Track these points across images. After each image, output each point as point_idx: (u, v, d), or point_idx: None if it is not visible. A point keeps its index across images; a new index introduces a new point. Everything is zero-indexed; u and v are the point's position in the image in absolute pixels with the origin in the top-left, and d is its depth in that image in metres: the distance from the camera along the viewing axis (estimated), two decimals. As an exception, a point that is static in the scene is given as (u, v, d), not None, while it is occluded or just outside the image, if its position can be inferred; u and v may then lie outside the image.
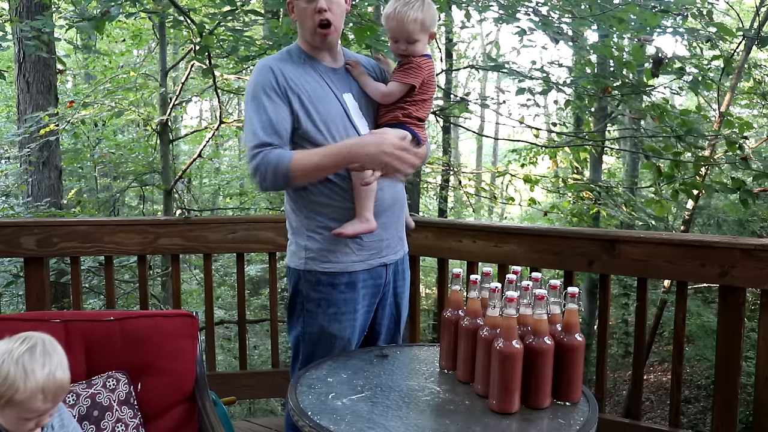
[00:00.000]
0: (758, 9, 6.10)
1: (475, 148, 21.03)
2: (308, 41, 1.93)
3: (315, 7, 1.84)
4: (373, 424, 1.43)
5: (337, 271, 1.92)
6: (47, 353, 1.43)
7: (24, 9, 5.44)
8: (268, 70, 1.87)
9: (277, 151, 1.81)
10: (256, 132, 1.82)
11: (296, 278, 1.96)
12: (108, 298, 2.95)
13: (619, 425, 2.57)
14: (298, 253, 1.96)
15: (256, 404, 7.60)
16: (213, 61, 4.40)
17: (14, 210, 5.70)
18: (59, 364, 1.43)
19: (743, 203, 3.91)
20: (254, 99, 1.86)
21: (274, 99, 1.85)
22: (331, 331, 1.94)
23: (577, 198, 6.51)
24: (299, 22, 1.92)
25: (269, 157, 1.79)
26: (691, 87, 4.20)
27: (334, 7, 1.86)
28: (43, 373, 1.39)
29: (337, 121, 1.89)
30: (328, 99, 1.90)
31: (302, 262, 1.94)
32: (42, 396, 1.39)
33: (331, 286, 1.93)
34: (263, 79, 1.87)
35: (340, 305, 1.94)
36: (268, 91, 1.85)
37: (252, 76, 1.91)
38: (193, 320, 2.02)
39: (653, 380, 8.84)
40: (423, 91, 1.93)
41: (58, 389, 1.42)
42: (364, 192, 1.87)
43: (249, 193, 9.64)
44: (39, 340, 1.45)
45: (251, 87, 1.89)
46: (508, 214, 16.29)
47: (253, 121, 1.84)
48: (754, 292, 4.71)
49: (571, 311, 1.54)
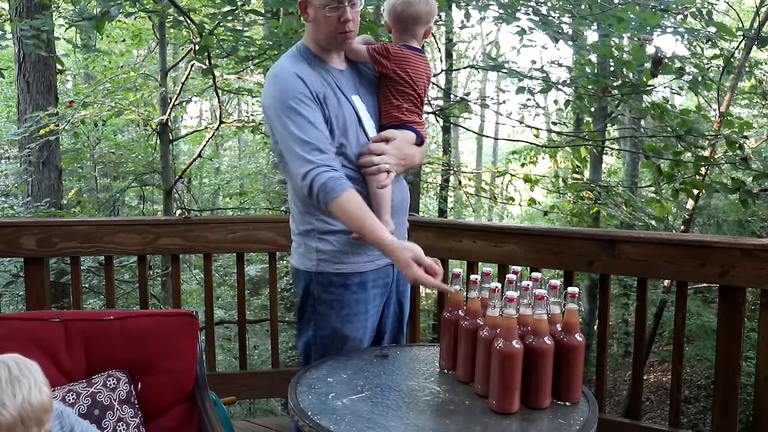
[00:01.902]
0: (758, 9, 6.10)
1: (475, 148, 21.02)
2: (322, 44, 1.90)
3: (340, 17, 1.82)
4: (373, 424, 1.43)
5: (349, 271, 1.92)
6: (15, 380, 1.30)
7: (24, 8, 5.44)
8: (293, 75, 1.82)
9: (326, 179, 1.76)
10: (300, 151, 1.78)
11: (307, 280, 1.94)
12: (108, 298, 2.94)
13: (619, 425, 2.57)
14: (308, 255, 1.94)
15: (256, 404, 7.61)
16: (213, 61, 4.40)
17: (14, 210, 5.69)
18: (32, 386, 1.32)
19: (743, 203, 3.90)
20: (288, 108, 1.80)
21: (308, 104, 1.81)
22: (344, 333, 1.93)
23: (577, 198, 6.51)
24: (315, 24, 1.87)
25: (316, 181, 1.77)
26: (690, 87, 4.20)
27: (356, 17, 1.86)
28: (16, 403, 1.28)
29: (350, 125, 1.89)
30: (341, 102, 1.89)
31: (314, 264, 1.92)
32: (23, 426, 1.29)
33: (343, 287, 1.92)
34: (291, 86, 1.81)
35: (353, 306, 1.93)
36: (300, 98, 1.80)
37: (275, 85, 1.84)
38: (193, 320, 2.02)
39: (653, 380, 8.84)
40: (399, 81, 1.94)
41: (38, 413, 1.31)
42: (381, 195, 1.88)
43: (249, 193, 9.65)
44: (3, 366, 1.33)
45: (281, 95, 1.82)
46: (508, 214, 16.29)
47: (295, 134, 1.79)
48: (754, 292, 4.71)
49: (571, 311, 1.54)
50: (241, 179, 10.84)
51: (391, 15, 1.97)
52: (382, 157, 1.89)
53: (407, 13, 1.93)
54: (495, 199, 8.34)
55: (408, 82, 1.95)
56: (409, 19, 1.94)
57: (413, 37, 1.98)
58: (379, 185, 1.85)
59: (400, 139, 1.94)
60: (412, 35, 1.97)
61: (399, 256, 1.72)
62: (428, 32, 2.01)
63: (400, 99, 1.96)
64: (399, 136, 1.94)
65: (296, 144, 1.79)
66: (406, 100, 1.96)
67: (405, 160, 1.96)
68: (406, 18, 1.94)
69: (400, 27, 1.96)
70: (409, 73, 1.95)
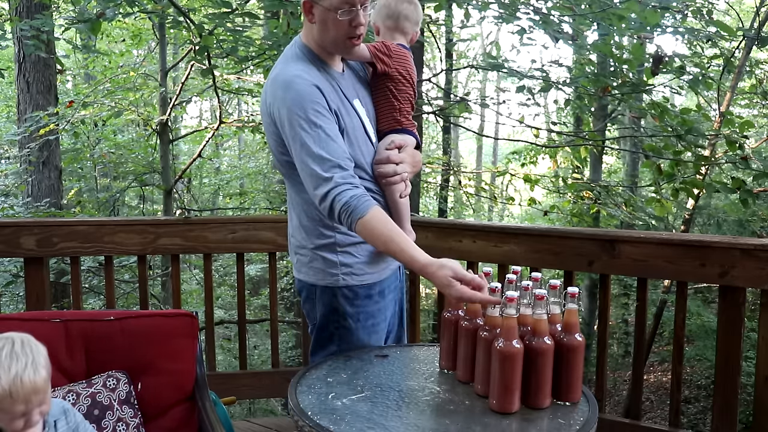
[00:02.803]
0: (758, 9, 6.10)
1: (475, 148, 21.02)
2: (326, 47, 1.80)
3: (352, 20, 1.72)
4: (373, 424, 1.43)
5: (372, 281, 1.88)
6: (15, 356, 1.38)
7: (24, 9, 5.44)
8: (308, 84, 1.71)
9: (349, 198, 1.66)
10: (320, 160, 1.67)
11: (330, 296, 1.86)
12: (108, 298, 2.95)
13: (619, 425, 2.57)
14: (329, 270, 1.84)
15: (256, 404, 7.61)
16: (213, 61, 4.40)
17: (14, 210, 5.69)
18: (28, 365, 1.39)
19: (743, 203, 3.91)
20: (306, 121, 1.68)
21: (328, 117, 1.71)
22: (369, 343, 1.89)
23: (577, 198, 6.51)
24: (322, 27, 1.75)
25: (338, 201, 1.66)
26: (691, 86, 4.20)
27: (366, 19, 1.78)
28: (9, 377, 1.35)
29: (358, 133, 1.83)
30: (346, 108, 1.81)
31: (337, 279, 1.84)
32: (11, 399, 1.36)
33: (368, 298, 1.88)
34: (309, 97, 1.70)
35: (377, 315, 1.91)
36: (318, 110, 1.70)
37: (291, 91, 1.71)
38: (193, 320, 2.02)
39: (653, 380, 8.84)
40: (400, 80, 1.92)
41: (27, 392, 1.37)
42: (402, 205, 1.86)
43: (249, 193, 9.66)
44: (9, 341, 1.41)
45: (296, 106, 1.69)
46: (509, 214, 16.29)
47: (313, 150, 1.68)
48: (754, 292, 4.71)
49: (571, 311, 1.53)
50: (241, 179, 10.85)
51: (382, 12, 1.95)
52: (402, 166, 1.84)
53: (400, 8, 1.93)
54: (495, 199, 8.34)
55: (409, 81, 1.93)
56: (402, 15, 1.93)
57: (403, 35, 1.96)
58: (402, 195, 1.82)
59: (410, 145, 1.91)
60: (402, 32, 1.95)
61: (438, 277, 1.61)
62: (414, 38, 2.00)
63: (401, 100, 1.92)
64: (409, 142, 1.91)
65: (314, 161, 1.68)
66: (405, 102, 1.94)
67: (416, 167, 1.93)
68: (399, 13, 1.93)
69: (392, 23, 1.94)
70: (409, 71, 1.93)
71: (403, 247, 1.66)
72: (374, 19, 1.97)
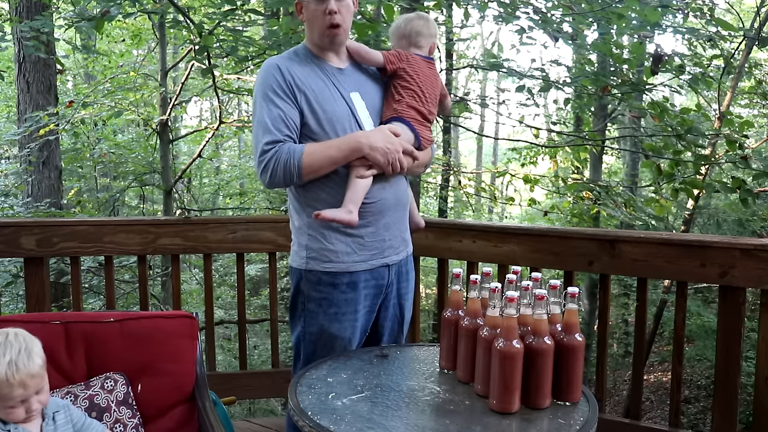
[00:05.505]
0: (758, 9, 6.10)
1: (475, 148, 21.01)
2: (316, 42, 1.95)
3: (325, 9, 1.86)
4: (373, 424, 1.43)
5: (338, 271, 1.92)
6: (9, 344, 1.49)
7: (24, 9, 5.44)
8: (275, 68, 1.89)
9: (288, 146, 1.84)
10: (266, 129, 1.84)
11: (298, 278, 1.97)
12: (108, 298, 2.94)
13: (619, 425, 2.57)
14: (299, 252, 1.97)
15: (256, 404, 7.60)
16: (213, 61, 4.40)
17: (14, 210, 5.69)
18: (22, 351, 1.49)
19: (743, 203, 3.90)
20: (263, 97, 1.87)
21: (282, 96, 1.86)
22: (331, 331, 1.94)
23: (577, 198, 6.50)
24: (308, 22, 1.94)
25: (280, 153, 1.82)
26: (691, 85, 4.20)
27: (343, 9, 1.89)
28: (4, 362, 1.46)
29: (343, 121, 1.90)
30: (333, 98, 1.91)
31: (303, 262, 1.95)
32: (8, 383, 1.45)
33: (332, 286, 1.93)
34: (271, 77, 1.88)
35: (341, 305, 1.94)
36: (276, 89, 1.87)
37: (259, 76, 1.93)
38: (192, 321, 2.02)
39: (653, 380, 8.83)
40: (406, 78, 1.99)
41: (24, 376, 1.47)
42: (354, 184, 1.87)
43: (249, 193, 9.64)
44: (3, 333, 1.52)
45: (259, 86, 1.90)
46: (509, 214, 16.28)
47: (263, 119, 1.86)
48: (754, 292, 4.70)
49: (571, 311, 1.53)
50: (241, 179, 10.84)
51: (396, 33, 2.07)
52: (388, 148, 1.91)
53: (411, 26, 2.04)
54: (495, 199, 8.33)
55: (414, 80, 1.99)
56: (413, 32, 2.04)
57: (419, 49, 2.06)
58: (359, 174, 1.86)
59: (391, 129, 1.91)
60: (417, 47, 2.05)
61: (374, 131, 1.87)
62: (432, 48, 2.08)
63: (403, 94, 1.98)
64: (397, 130, 1.92)
65: (260, 130, 1.85)
66: (408, 96, 1.98)
67: (420, 162, 2.00)
68: (410, 31, 2.04)
69: (405, 42, 2.06)
70: (416, 72, 2.00)
71: (341, 140, 1.86)
72: (391, 43, 2.11)
